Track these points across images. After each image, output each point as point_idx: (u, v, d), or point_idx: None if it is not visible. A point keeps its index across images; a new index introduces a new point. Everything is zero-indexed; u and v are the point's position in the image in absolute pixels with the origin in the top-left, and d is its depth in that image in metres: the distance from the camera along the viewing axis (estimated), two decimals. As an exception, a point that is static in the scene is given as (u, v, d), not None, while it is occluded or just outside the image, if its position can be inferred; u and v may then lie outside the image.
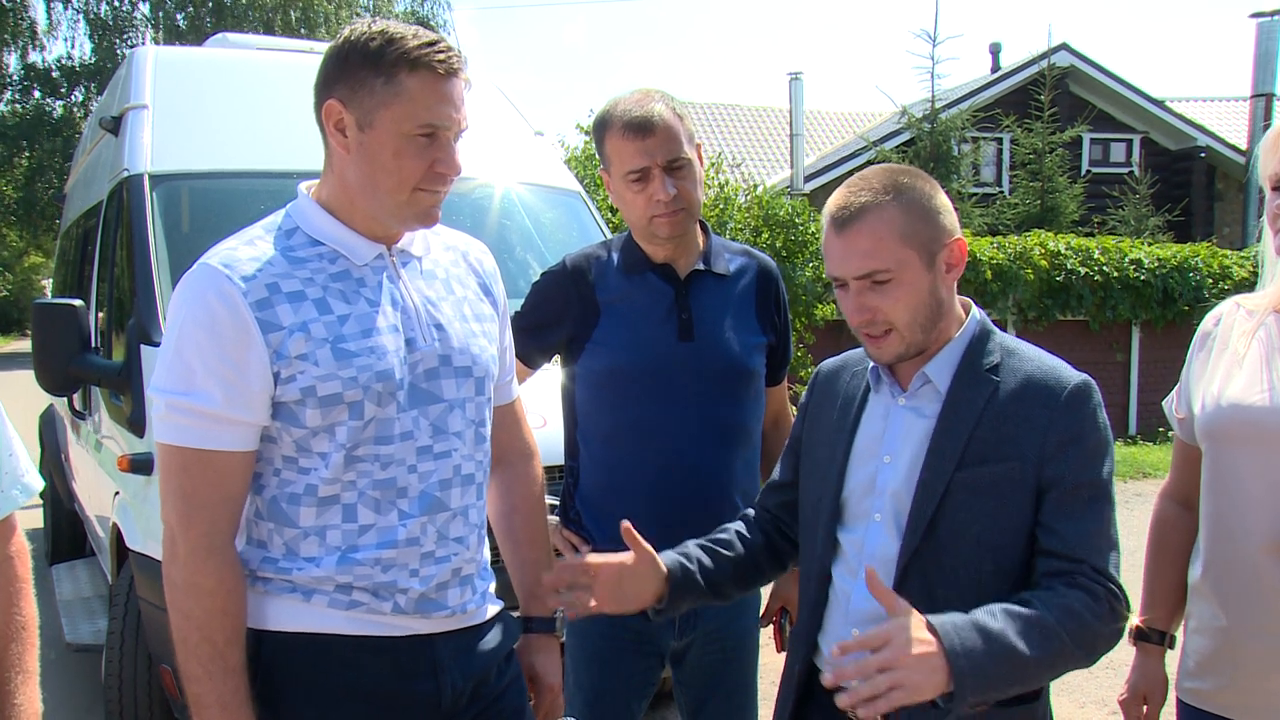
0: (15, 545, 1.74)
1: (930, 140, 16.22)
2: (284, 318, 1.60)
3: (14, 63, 30.37)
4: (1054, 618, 1.59)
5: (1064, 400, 1.70)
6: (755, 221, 10.55)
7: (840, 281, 1.77)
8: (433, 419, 1.71)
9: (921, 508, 1.70)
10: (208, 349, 1.58)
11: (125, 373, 3.62)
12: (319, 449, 1.65)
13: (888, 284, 1.71)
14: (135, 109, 4.27)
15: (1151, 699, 2.13)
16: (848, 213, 1.72)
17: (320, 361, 1.61)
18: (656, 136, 2.26)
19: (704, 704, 2.49)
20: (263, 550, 1.69)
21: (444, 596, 1.74)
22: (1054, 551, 1.67)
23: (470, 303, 1.84)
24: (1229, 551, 1.88)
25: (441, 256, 1.85)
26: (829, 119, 24.82)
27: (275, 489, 1.67)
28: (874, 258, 1.70)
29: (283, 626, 1.67)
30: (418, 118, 1.62)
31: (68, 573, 5.46)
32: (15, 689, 1.68)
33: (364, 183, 1.67)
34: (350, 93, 1.64)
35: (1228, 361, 1.93)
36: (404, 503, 1.68)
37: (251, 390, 1.60)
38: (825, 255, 1.79)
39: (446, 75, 1.64)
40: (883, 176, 1.75)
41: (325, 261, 1.68)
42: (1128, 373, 13.05)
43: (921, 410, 1.78)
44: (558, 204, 4.95)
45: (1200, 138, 19.86)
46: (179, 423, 1.60)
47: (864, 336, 1.78)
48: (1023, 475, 1.69)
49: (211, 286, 1.59)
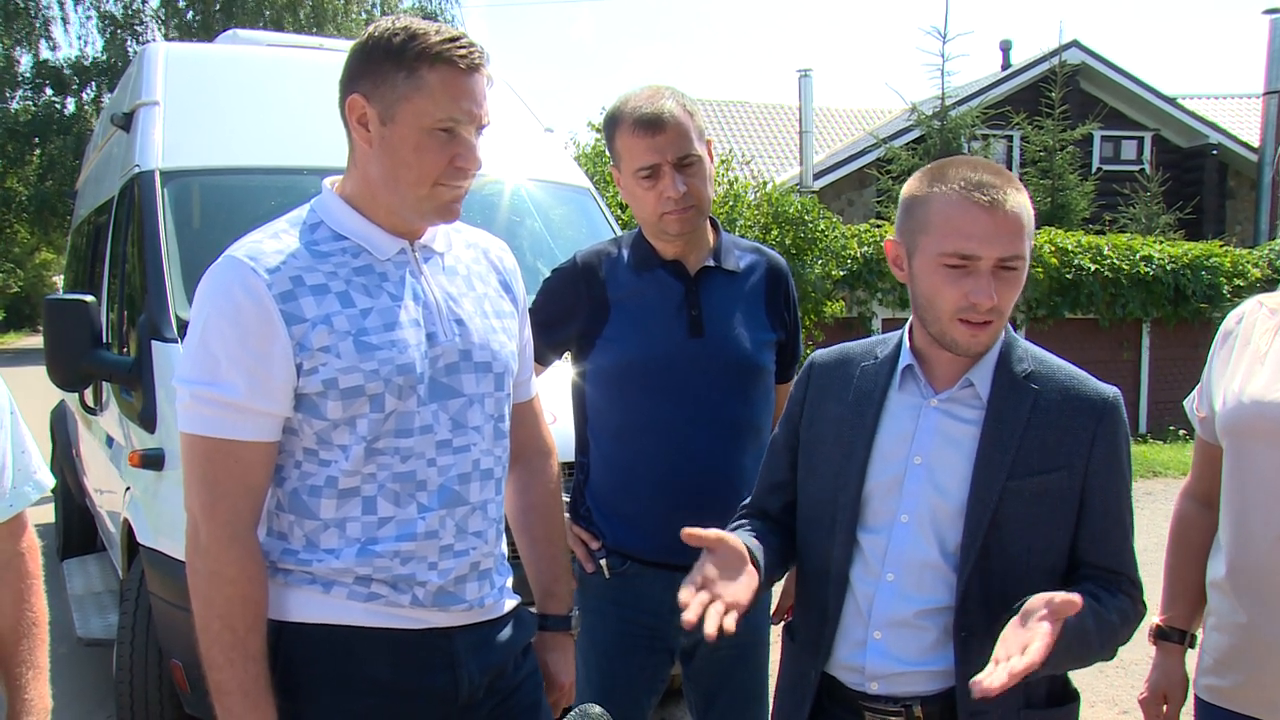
0: (26, 541, 1.75)
1: (940, 138, 16.16)
2: (307, 310, 1.63)
3: (26, 61, 30.54)
4: (1119, 620, 1.70)
5: (1106, 411, 1.74)
6: (765, 219, 10.54)
7: (964, 260, 1.65)
8: (452, 413, 1.73)
9: (977, 518, 1.70)
10: (232, 340, 1.60)
11: (136, 368, 3.63)
12: (340, 441, 1.66)
13: (1015, 272, 1.68)
14: (146, 105, 4.28)
15: (1172, 698, 2.13)
16: (1001, 193, 1.65)
17: (342, 354, 1.63)
18: (667, 133, 2.26)
19: (713, 701, 2.49)
20: (283, 542, 1.71)
21: (462, 590, 1.75)
22: (1099, 564, 1.74)
23: (491, 299, 1.86)
24: (1250, 548, 1.88)
25: (463, 253, 1.87)
26: (839, 116, 24.78)
27: (296, 481, 1.69)
28: (1020, 242, 1.67)
29: (302, 618, 1.68)
30: (438, 112, 1.64)
31: (79, 567, 5.48)
32: (26, 684, 1.69)
33: (386, 177, 1.68)
34: (373, 87, 1.66)
35: (1249, 359, 1.93)
36: (423, 496, 1.70)
37: (274, 381, 1.62)
38: (955, 231, 1.65)
39: (468, 71, 1.66)
40: (1005, 171, 1.72)
41: (348, 255, 1.70)
42: (1138, 371, 12.99)
43: (958, 414, 1.76)
44: (567, 200, 4.95)
45: (1212, 135, 19.75)
46: (203, 413, 1.62)
47: (960, 324, 1.68)
48: (1070, 484, 1.72)
49: (236, 279, 1.62)
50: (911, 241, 1.74)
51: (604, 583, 2.41)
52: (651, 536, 2.35)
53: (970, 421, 1.75)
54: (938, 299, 1.70)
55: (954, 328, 1.70)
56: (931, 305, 1.72)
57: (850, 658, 1.78)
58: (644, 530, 2.36)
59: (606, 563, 2.40)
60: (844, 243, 11.07)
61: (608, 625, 2.41)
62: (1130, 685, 4.64)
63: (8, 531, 1.71)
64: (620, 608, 2.40)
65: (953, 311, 1.68)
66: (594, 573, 2.42)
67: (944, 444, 1.75)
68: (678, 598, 1.63)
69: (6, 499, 1.68)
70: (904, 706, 1.73)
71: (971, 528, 1.70)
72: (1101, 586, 1.72)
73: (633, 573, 2.38)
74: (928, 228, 1.70)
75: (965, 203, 1.66)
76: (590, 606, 2.45)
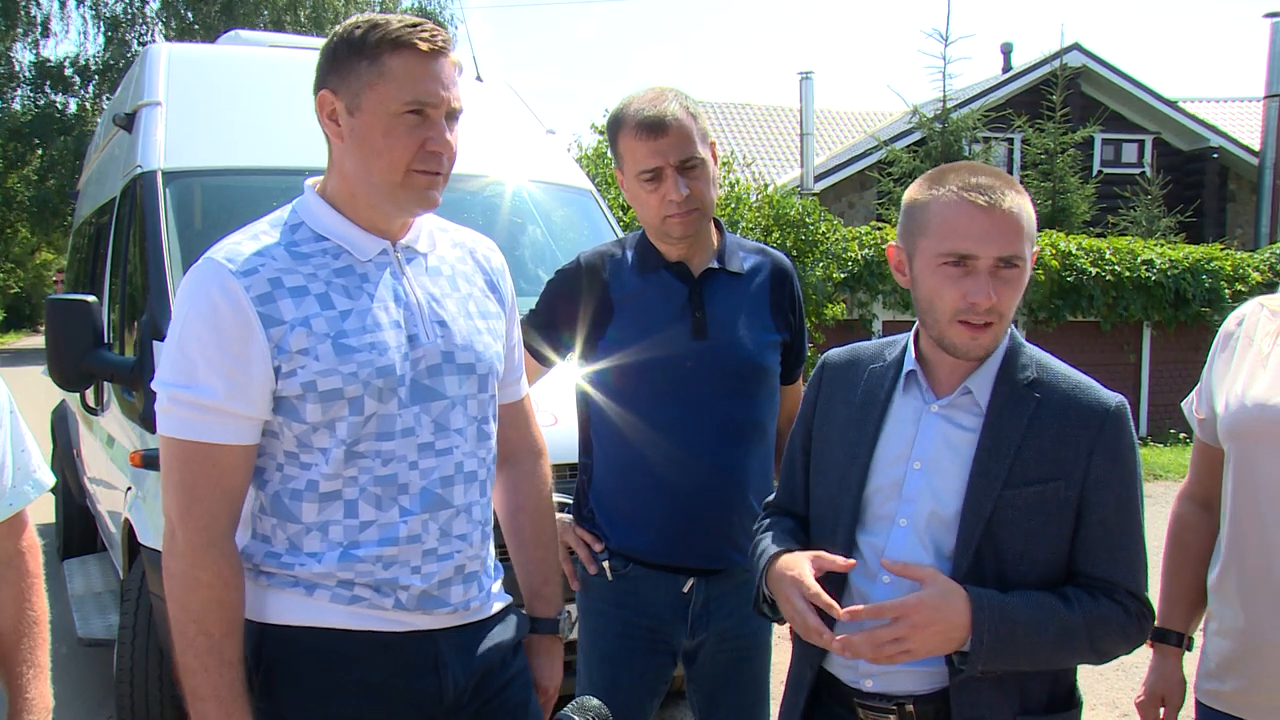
0: (27, 541, 1.75)
1: (941, 140, 16.18)
2: (285, 312, 1.61)
3: (27, 57, 30.55)
4: (1082, 620, 1.67)
5: (1106, 422, 1.72)
6: (766, 221, 10.54)
7: (965, 261, 1.67)
8: (434, 415, 1.71)
9: (971, 525, 1.70)
10: (209, 343, 1.59)
11: (137, 368, 3.63)
12: (320, 444, 1.65)
13: (1015, 271, 1.68)
14: (149, 106, 4.28)
15: (1169, 701, 2.12)
16: (998, 193, 1.66)
17: (321, 356, 1.62)
18: (670, 136, 2.25)
19: (716, 703, 2.49)
20: (266, 545, 1.70)
21: (446, 594, 1.74)
22: (1091, 574, 1.73)
23: (475, 299, 1.84)
24: (1253, 552, 1.87)
25: (448, 253, 1.85)
26: (840, 118, 24.78)
27: (278, 484, 1.68)
28: (1019, 242, 1.67)
29: (285, 620, 1.67)
30: (403, 95, 1.63)
31: (79, 567, 5.48)
32: (27, 683, 1.69)
33: (359, 169, 1.68)
34: (339, 81, 1.66)
35: (1251, 361, 1.92)
36: (405, 499, 1.69)
37: (253, 384, 1.61)
38: (953, 231, 1.67)
39: (430, 53, 1.65)
40: (1005, 174, 1.73)
41: (329, 257, 1.69)
42: (1139, 374, 12.99)
43: (957, 420, 1.76)
44: (569, 202, 4.94)
45: (1213, 138, 19.76)
46: (180, 415, 1.61)
47: (959, 326, 1.69)
48: (1067, 495, 1.71)
49: (215, 281, 1.61)
50: (912, 245, 1.75)
51: (606, 584, 2.40)
52: (655, 538, 2.35)
53: (969, 428, 1.75)
54: (937, 301, 1.70)
55: (953, 330, 1.70)
56: (932, 308, 1.72)
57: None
58: (647, 532, 2.36)
59: (609, 564, 2.39)
60: (845, 245, 11.08)
61: (610, 627, 2.40)
62: (1130, 688, 4.63)
63: (8, 530, 1.70)
64: (623, 609, 2.39)
65: (952, 313, 1.69)
66: (597, 574, 2.42)
67: (943, 449, 1.75)
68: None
69: (6, 498, 1.68)
70: (897, 705, 1.74)
71: (965, 534, 1.70)
72: (1084, 591, 1.71)
73: (635, 574, 2.37)
74: (926, 230, 1.71)
75: (962, 203, 1.67)
76: (593, 608, 2.45)
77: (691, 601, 2.38)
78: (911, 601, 1.63)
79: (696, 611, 2.39)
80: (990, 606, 1.64)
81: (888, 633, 1.62)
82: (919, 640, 1.62)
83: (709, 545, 2.36)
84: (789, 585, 1.74)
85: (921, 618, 1.62)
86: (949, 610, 1.63)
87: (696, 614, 2.39)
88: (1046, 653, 1.67)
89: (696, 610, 2.39)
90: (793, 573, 1.74)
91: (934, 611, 1.62)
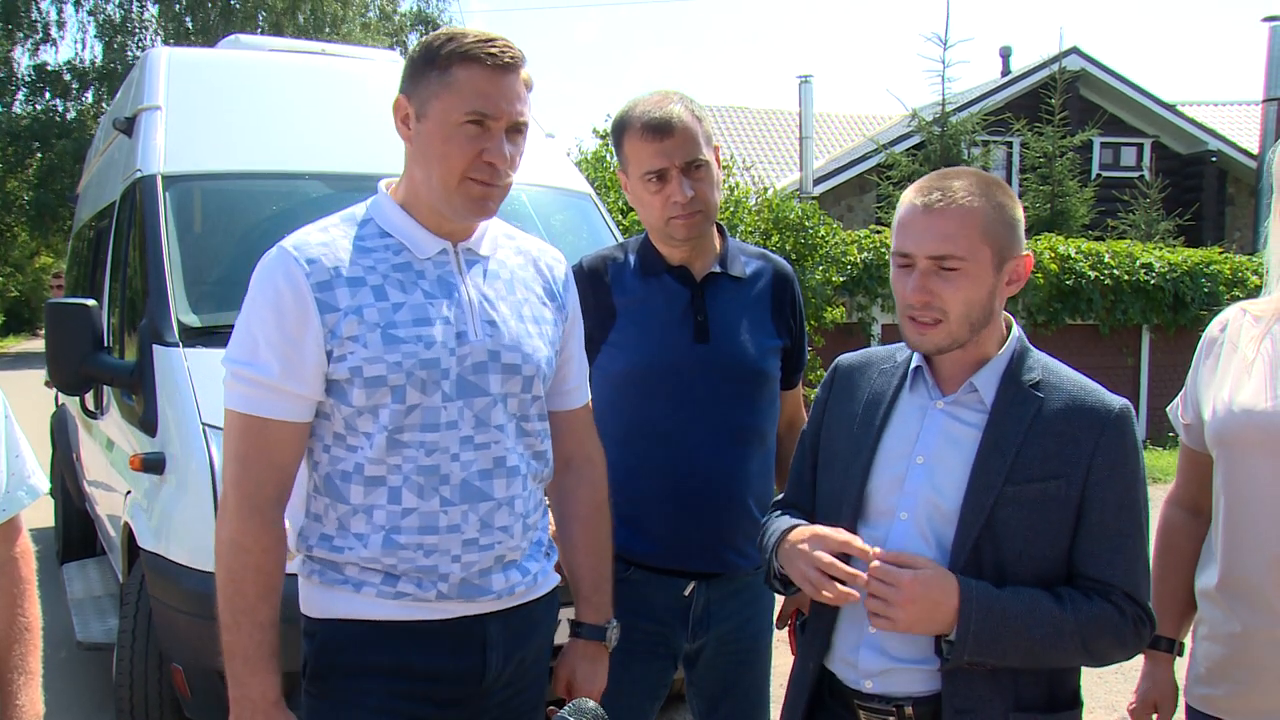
0: (20, 546, 1.74)
1: (940, 143, 16.19)
2: (341, 300, 1.72)
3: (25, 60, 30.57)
4: (1074, 619, 1.68)
5: (1109, 424, 1.74)
6: (765, 224, 10.53)
7: (906, 259, 1.76)
8: (476, 411, 1.79)
9: (970, 520, 1.72)
10: (270, 324, 1.71)
11: (137, 372, 3.63)
12: (364, 429, 1.75)
13: (955, 272, 1.72)
14: (149, 110, 4.28)
15: (1162, 707, 2.13)
16: (940, 197, 1.73)
17: (369, 344, 1.71)
18: (675, 138, 2.26)
19: (716, 707, 2.49)
20: (319, 525, 1.80)
21: (487, 582, 1.81)
22: (1089, 576, 1.73)
23: (531, 304, 1.91)
24: (1243, 558, 1.87)
25: (510, 258, 1.93)
26: (839, 122, 24.81)
27: (328, 465, 1.78)
28: (953, 242, 1.71)
29: (336, 615, 1.78)
30: (464, 105, 1.72)
31: (78, 571, 5.46)
32: (18, 690, 1.68)
33: (422, 172, 1.77)
34: (413, 87, 1.77)
35: (1236, 367, 1.92)
36: (446, 489, 1.76)
37: (306, 365, 1.72)
38: (899, 230, 1.77)
39: (496, 69, 1.73)
40: (979, 178, 1.77)
41: (390, 252, 1.79)
42: (1137, 377, 13.00)
43: (961, 418, 1.78)
44: (568, 206, 4.94)
45: (1211, 142, 19.80)
46: (241, 390, 1.73)
47: (909, 321, 1.77)
48: (1067, 494, 1.72)
49: (280, 268, 1.73)
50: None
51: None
52: (655, 542, 2.35)
53: (972, 425, 1.77)
54: (897, 298, 1.79)
55: (905, 325, 1.79)
56: (898, 304, 1.79)
57: (847, 652, 1.82)
58: (648, 536, 2.36)
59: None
60: (844, 248, 11.07)
61: (611, 630, 2.40)
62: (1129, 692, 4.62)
63: (1, 535, 1.70)
64: (623, 613, 2.38)
65: (902, 309, 1.77)
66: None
67: (946, 445, 1.77)
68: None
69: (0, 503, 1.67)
70: (896, 707, 1.76)
71: (965, 529, 1.72)
72: (1079, 591, 1.72)
73: (636, 578, 2.37)
74: (892, 233, 1.81)
75: (907, 204, 1.76)
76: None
77: (692, 605, 2.38)
78: (906, 574, 1.67)
79: (697, 615, 2.39)
80: (979, 596, 1.66)
81: (878, 588, 1.67)
82: (903, 611, 1.66)
83: (710, 549, 2.37)
84: (809, 540, 1.78)
85: (910, 590, 1.65)
86: (938, 591, 1.66)
87: (697, 618, 2.39)
88: (1036, 649, 1.68)
89: (697, 614, 2.39)
90: (811, 534, 1.79)
91: (922, 587, 1.66)
